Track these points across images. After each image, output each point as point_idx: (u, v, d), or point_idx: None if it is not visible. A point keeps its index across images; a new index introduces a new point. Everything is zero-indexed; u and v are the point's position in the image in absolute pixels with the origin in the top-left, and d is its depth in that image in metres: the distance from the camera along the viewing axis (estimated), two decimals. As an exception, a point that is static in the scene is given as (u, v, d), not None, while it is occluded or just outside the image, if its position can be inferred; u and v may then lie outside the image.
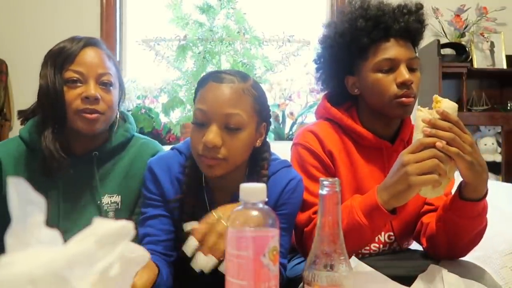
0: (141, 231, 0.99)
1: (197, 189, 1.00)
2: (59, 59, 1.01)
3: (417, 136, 0.88)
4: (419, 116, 0.88)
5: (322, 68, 1.18)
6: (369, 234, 0.95)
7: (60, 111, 1.00)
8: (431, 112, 0.88)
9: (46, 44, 1.13)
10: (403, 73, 1.03)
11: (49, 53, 1.04)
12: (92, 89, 1.01)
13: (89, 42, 1.05)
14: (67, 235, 1.06)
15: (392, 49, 1.04)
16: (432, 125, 0.85)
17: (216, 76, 0.93)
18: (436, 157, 0.84)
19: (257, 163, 1.01)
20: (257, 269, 0.56)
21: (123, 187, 1.10)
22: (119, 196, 1.10)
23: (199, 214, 0.99)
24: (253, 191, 0.59)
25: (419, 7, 1.10)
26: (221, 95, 0.91)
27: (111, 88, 1.05)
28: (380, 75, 1.05)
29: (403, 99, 1.03)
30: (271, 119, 1.06)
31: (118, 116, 1.14)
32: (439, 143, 0.83)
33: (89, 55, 1.03)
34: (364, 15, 1.06)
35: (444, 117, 0.85)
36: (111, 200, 1.08)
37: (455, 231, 0.95)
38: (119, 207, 1.09)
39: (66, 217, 1.06)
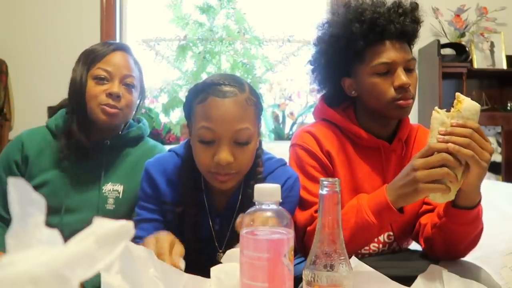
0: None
1: (197, 196, 1.00)
2: (90, 57, 1.14)
3: (431, 139, 0.85)
4: (435, 118, 0.85)
5: (318, 70, 1.17)
6: (376, 232, 0.96)
7: (81, 100, 1.12)
8: (447, 115, 0.84)
9: (46, 44, 1.14)
10: (401, 77, 1.02)
11: (83, 52, 1.18)
12: (116, 87, 1.12)
13: (119, 47, 1.19)
14: (69, 213, 1.11)
15: (388, 53, 1.03)
16: (449, 134, 0.82)
17: (216, 90, 0.90)
18: (446, 163, 0.82)
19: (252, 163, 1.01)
20: (279, 270, 0.56)
21: (128, 179, 1.17)
22: (122, 186, 1.16)
23: (200, 221, 0.99)
24: (268, 192, 0.59)
25: (414, 6, 1.08)
26: (228, 111, 0.89)
27: (132, 89, 1.17)
28: (377, 79, 1.04)
29: (401, 101, 1.02)
30: (271, 119, 1.06)
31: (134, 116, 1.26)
32: (452, 145, 0.81)
33: (117, 57, 1.15)
34: (359, 18, 1.04)
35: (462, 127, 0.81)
36: (113, 188, 1.16)
37: (452, 237, 0.95)
38: (120, 195, 1.15)
39: (71, 197, 1.13)
